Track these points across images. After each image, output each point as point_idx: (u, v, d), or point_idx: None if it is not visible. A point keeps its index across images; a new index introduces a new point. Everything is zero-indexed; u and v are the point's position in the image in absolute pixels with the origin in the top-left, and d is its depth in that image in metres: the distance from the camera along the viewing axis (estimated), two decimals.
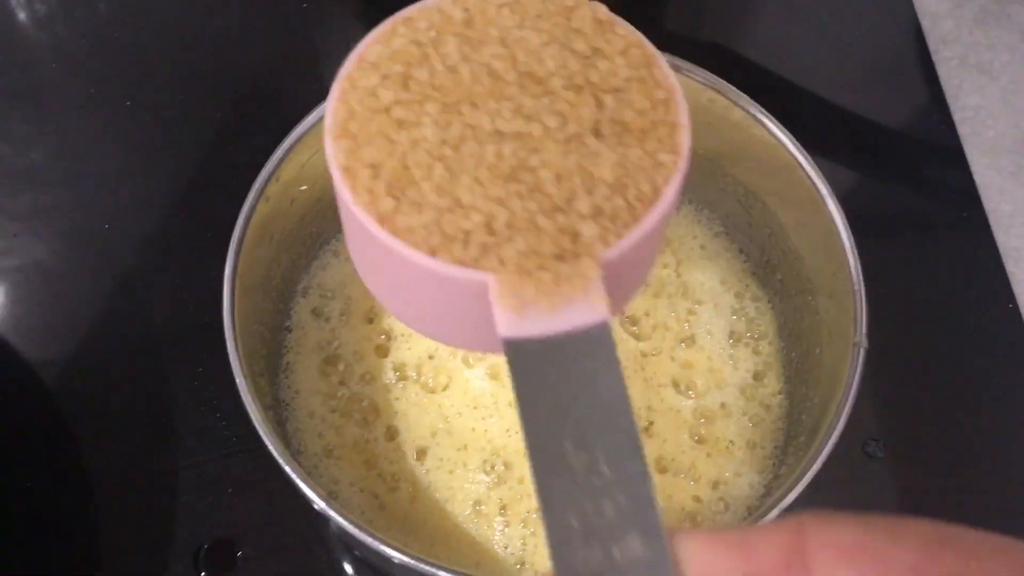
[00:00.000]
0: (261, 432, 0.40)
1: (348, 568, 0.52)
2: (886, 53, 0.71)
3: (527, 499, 0.47)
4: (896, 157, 0.67)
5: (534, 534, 0.47)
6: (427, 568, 0.38)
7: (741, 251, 0.55)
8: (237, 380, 0.41)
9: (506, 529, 0.47)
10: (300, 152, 0.47)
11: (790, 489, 0.40)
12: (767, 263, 0.53)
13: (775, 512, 0.40)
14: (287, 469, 0.40)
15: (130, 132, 0.63)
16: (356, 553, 0.51)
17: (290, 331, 0.51)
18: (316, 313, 0.52)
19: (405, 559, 0.38)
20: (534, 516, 0.47)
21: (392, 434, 0.49)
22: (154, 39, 0.67)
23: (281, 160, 0.46)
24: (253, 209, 0.45)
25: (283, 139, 0.46)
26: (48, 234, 0.59)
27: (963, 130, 0.66)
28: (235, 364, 0.42)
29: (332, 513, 0.39)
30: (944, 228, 0.64)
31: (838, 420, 0.42)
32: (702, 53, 0.51)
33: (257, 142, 0.61)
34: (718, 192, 0.54)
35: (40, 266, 0.58)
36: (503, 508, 0.47)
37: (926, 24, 0.70)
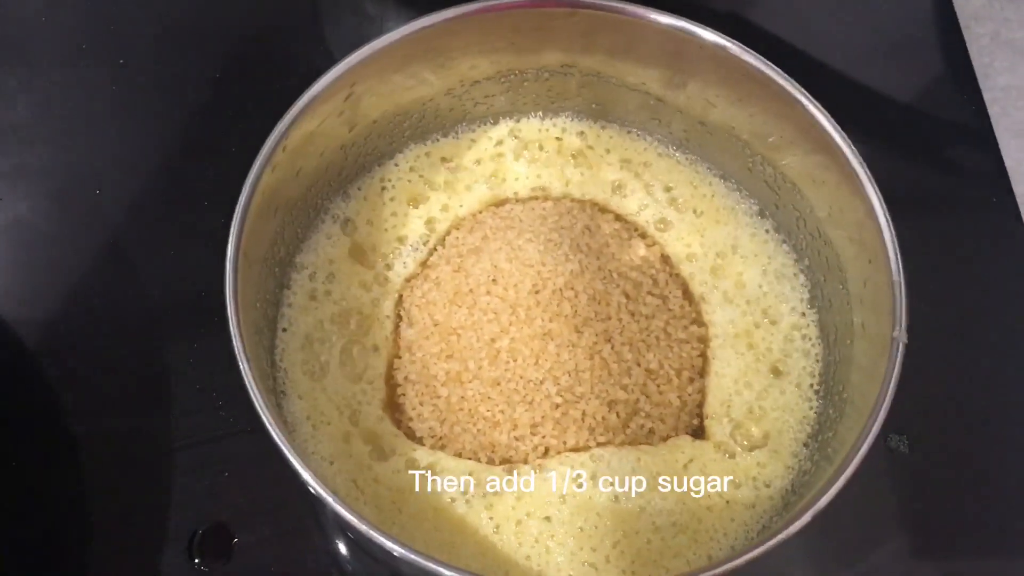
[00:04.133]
0: (265, 419, 0.38)
1: (346, 555, 0.49)
2: (913, 27, 0.68)
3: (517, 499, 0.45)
4: (921, 137, 0.64)
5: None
6: (415, 558, 0.36)
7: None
8: (240, 364, 0.39)
9: (491, 519, 0.45)
10: (307, 120, 0.44)
11: (823, 492, 0.38)
12: (795, 247, 0.51)
13: (810, 513, 0.38)
14: (292, 460, 0.37)
15: (123, 91, 0.60)
16: (350, 536, 0.48)
17: (290, 307, 0.49)
18: (313, 291, 0.49)
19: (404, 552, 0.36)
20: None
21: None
22: None
23: (288, 128, 0.43)
24: (259, 177, 0.42)
25: (290, 106, 0.43)
26: (33, 194, 0.56)
27: (993, 110, 0.63)
28: (238, 347, 0.39)
29: (341, 509, 0.36)
30: (971, 212, 0.61)
31: (875, 418, 0.40)
32: (720, 23, 0.49)
33: (255, 105, 0.59)
34: (745, 172, 0.51)
35: (23, 227, 0.55)
36: (488, 503, 0.45)
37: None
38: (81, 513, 0.48)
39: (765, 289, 0.50)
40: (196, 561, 0.47)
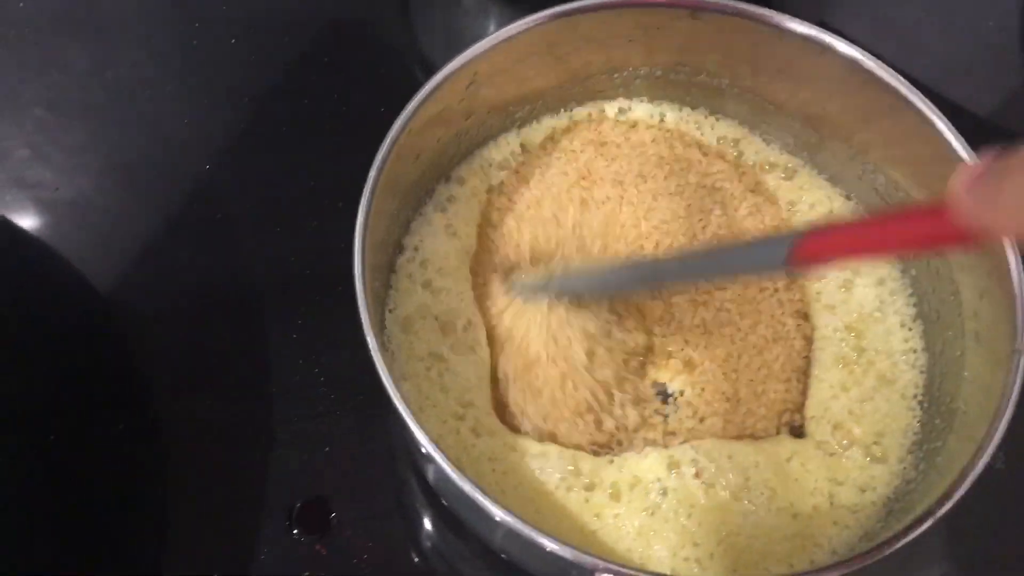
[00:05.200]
0: (394, 397, 0.38)
1: (437, 534, 0.50)
2: (988, 38, 0.67)
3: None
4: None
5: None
6: (523, 528, 0.36)
7: None
8: (368, 338, 0.39)
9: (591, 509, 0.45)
10: (432, 104, 0.44)
11: (941, 503, 0.38)
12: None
13: (929, 522, 0.38)
14: (409, 422, 0.38)
15: (198, 71, 0.60)
16: (445, 503, 0.48)
17: (395, 290, 0.49)
18: (414, 275, 0.50)
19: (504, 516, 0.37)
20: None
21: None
22: None
23: (415, 109, 0.43)
24: (385, 161, 0.42)
25: (418, 88, 0.44)
26: (127, 172, 0.57)
27: None
28: (365, 319, 0.39)
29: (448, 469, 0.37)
30: None
31: (995, 430, 0.39)
32: None
33: (333, 82, 0.59)
34: (855, 180, 0.51)
35: (125, 208, 0.56)
36: (589, 493, 0.45)
37: None
38: (183, 486, 0.49)
39: (871, 296, 0.50)
40: (295, 532, 0.48)
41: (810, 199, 0.53)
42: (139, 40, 0.61)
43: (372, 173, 0.42)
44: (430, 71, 0.45)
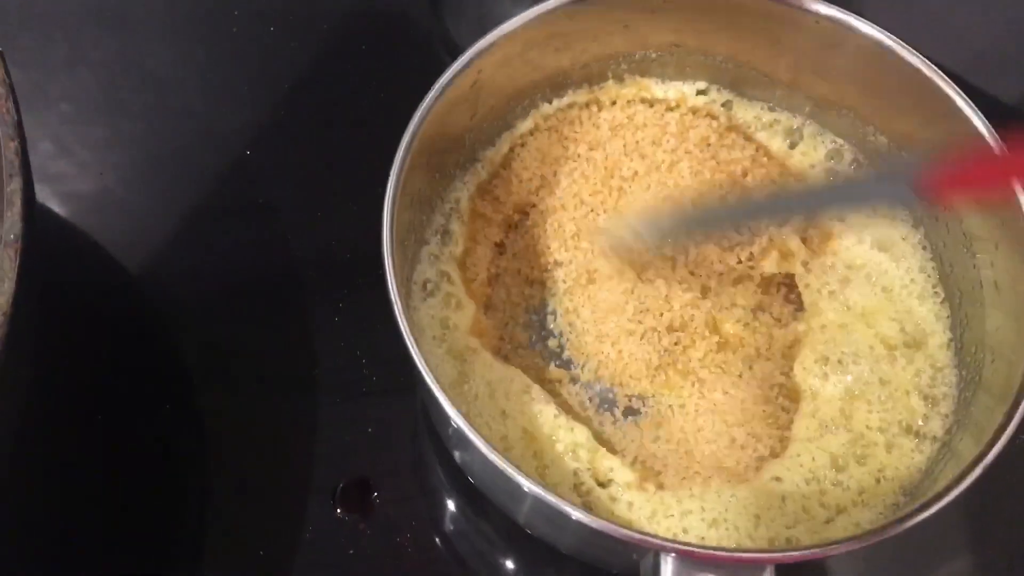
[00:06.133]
0: (426, 375, 0.39)
1: (474, 517, 0.50)
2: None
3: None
4: None
5: None
6: (551, 498, 0.36)
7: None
8: (397, 317, 0.39)
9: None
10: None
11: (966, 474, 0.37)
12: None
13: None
14: (442, 400, 0.38)
15: (227, 64, 0.62)
16: (472, 481, 0.49)
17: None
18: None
19: (534, 488, 0.37)
20: None
21: None
22: None
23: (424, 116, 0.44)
24: (414, 136, 0.43)
25: (420, 88, 0.44)
26: (164, 156, 0.58)
27: None
28: (394, 297, 0.40)
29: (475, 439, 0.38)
30: None
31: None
32: None
33: (367, 65, 0.60)
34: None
35: (160, 190, 0.57)
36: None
37: None
38: (224, 468, 0.51)
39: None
40: (339, 511, 0.49)
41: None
42: (166, 34, 0.62)
43: (397, 159, 0.43)
44: (455, 54, 0.46)
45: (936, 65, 0.45)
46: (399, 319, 0.40)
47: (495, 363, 0.47)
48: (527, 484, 0.37)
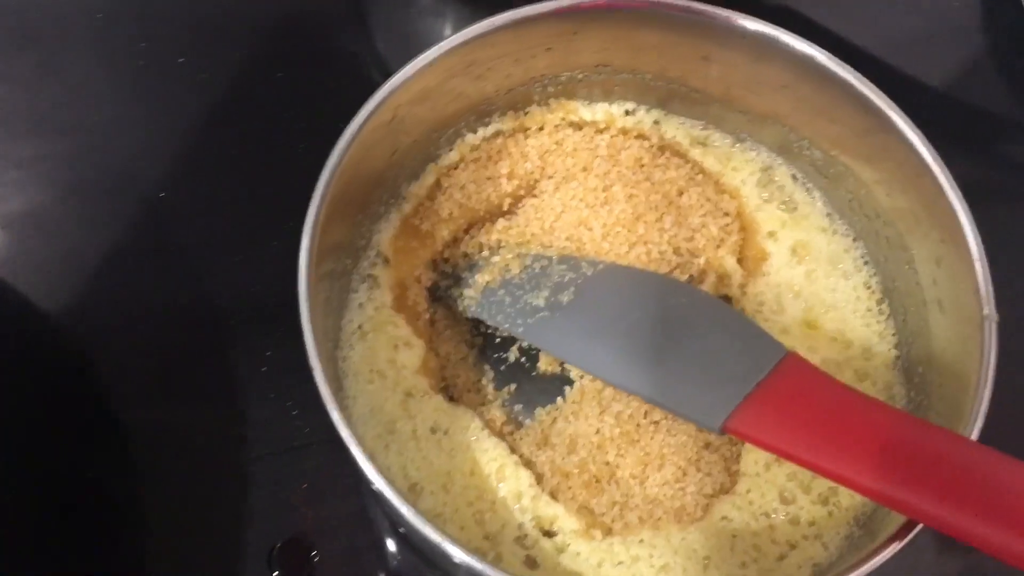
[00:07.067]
0: (334, 417, 0.37)
1: (432, 572, 0.48)
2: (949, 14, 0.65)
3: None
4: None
5: None
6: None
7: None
8: (319, 385, 0.37)
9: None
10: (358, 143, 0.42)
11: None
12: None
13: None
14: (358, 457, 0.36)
15: (144, 79, 0.59)
16: (407, 537, 0.47)
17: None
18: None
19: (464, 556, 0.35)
20: None
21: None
22: None
23: (340, 159, 0.41)
24: (328, 186, 0.41)
25: (367, 98, 0.42)
26: (72, 185, 0.56)
27: None
28: (310, 344, 0.38)
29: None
30: None
31: (978, 407, 0.38)
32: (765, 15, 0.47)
33: (288, 92, 0.57)
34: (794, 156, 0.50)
35: (67, 221, 0.55)
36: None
37: None
38: (161, 529, 0.48)
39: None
40: (276, 574, 0.46)
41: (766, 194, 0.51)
42: (86, 51, 0.59)
43: (310, 214, 0.40)
44: (386, 74, 0.43)
45: (858, 49, 0.44)
46: (317, 375, 0.38)
47: (441, 403, 0.46)
48: (459, 555, 0.35)
